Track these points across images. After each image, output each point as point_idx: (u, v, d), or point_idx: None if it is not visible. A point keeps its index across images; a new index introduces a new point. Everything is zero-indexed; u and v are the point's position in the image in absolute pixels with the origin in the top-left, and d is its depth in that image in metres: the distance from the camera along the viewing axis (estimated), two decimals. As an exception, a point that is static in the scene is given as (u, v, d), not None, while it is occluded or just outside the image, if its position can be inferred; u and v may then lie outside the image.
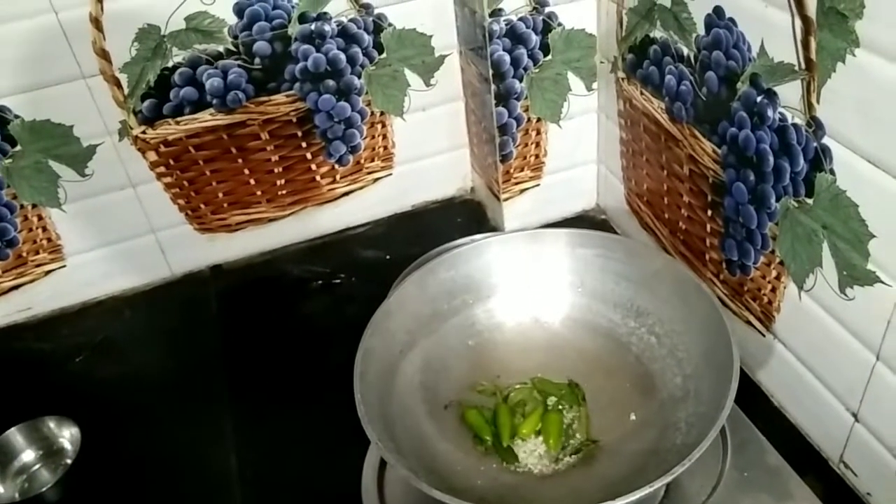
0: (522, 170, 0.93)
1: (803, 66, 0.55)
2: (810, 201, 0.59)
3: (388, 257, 0.97)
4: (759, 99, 0.61)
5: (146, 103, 0.84)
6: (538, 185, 0.95)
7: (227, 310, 0.93)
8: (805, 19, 0.53)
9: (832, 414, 0.65)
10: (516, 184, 0.94)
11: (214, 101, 0.86)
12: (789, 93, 0.58)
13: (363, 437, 0.56)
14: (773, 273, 0.67)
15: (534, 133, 0.90)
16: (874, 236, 0.54)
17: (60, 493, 0.71)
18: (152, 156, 0.88)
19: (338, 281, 0.95)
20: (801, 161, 0.59)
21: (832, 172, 0.56)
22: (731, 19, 0.62)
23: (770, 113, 0.61)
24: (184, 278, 0.98)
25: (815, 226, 0.59)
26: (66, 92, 0.80)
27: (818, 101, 0.55)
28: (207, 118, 0.87)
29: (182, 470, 0.74)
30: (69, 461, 0.74)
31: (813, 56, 0.54)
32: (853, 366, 0.60)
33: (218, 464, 0.73)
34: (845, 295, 0.59)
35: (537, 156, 0.92)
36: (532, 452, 0.64)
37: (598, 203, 1.00)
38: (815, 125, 0.56)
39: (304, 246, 1.00)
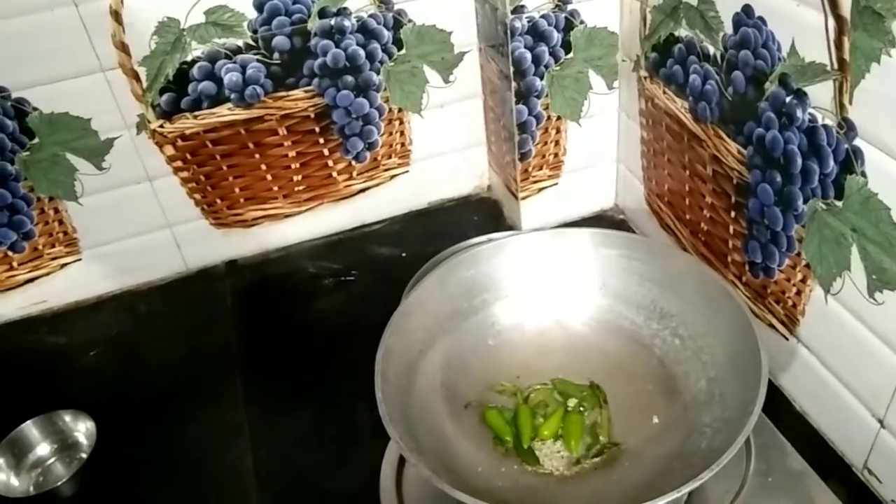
0: (541, 168, 0.92)
1: (836, 66, 0.54)
2: (840, 204, 0.58)
3: (403, 255, 0.96)
4: (788, 99, 0.60)
5: (164, 97, 0.84)
6: (556, 183, 0.94)
7: (241, 305, 0.92)
8: (839, 19, 0.53)
9: (857, 419, 0.64)
10: (534, 182, 0.93)
11: (233, 96, 0.86)
12: (820, 93, 0.57)
13: (380, 435, 0.55)
14: (799, 276, 0.66)
15: (553, 131, 0.89)
16: (906, 240, 0.53)
17: (75, 487, 0.71)
18: (169, 150, 0.88)
19: (352, 278, 0.94)
20: (831, 163, 0.58)
21: (864, 175, 0.55)
22: (761, 18, 0.61)
23: (799, 114, 0.60)
24: (199, 273, 0.97)
25: (845, 229, 0.58)
26: (84, 85, 0.80)
27: (850, 102, 0.54)
28: (225, 113, 0.87)
29: (197, 467, 0.74)
30: (84, 455, 0.73)
31: (846, 56, 0.53)
32: (880, 371, 0.60)
33: (233, 461, 0.73)
34: (874, 299, 0.58)
35: (556, 154, 0.91)
36: (553, 454, 0.63)
37: (617, 203, 0.99)
38: (847, 126, 0.55)
39: (320, 242, 1.00)
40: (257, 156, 0.91)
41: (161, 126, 0.85)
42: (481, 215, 1.02)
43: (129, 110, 0.83)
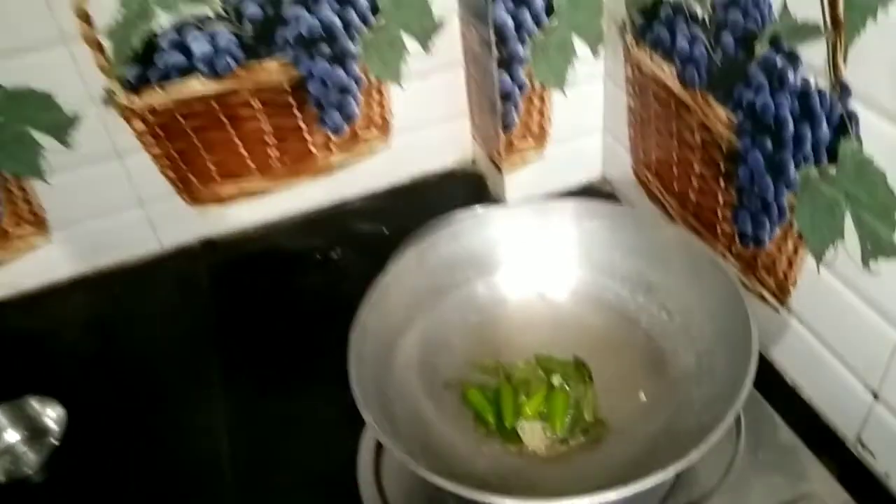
0: (525, 139, 0.89)
1: (829, 25, 0.52)
2: (833, 170, 0.56)
3: (385, 231, 0.94)
4: (779, 62, 0.58)
5: (131, 70, 0.80)
6: (542, 155, 0.91)
7: (219, 285, 0.90)
8: (833, -27, 0.50)
9: (850, 392, 0.62)
10: (519, 154, 0.90)
11: (203, 68, 0.82)
12: (813, 55, 0.54)
13: (360, 418, 0.53)
14: (790, 246, 0.64)
15: (537, 101, 0.86)
16: (903, 206, 0.51)
17: (46, 474, 0.68)
18: (139, 125, 0.84)
19: (333, 256, 0.91)
20: (825, 127, 0.55)
21: (858, 139, 0.53)
22: (751, -25, 0.58)
23: (791, 76, 0.57)
24: (174, 253, 0.94)
25: (838, 196, 0.56)
26: (46, 58, 0.76)
27: (845, 63, 0.52)
28: (196, 85, 0.83)
29: (171, 452, 0.71)
30: (54, 442, 0.71)
31: (840, 14, 0.50)
32: (874, 342, 0.58)
33: (209, 445, 0.71)
34: (868, 268, 0.56)
35: (541, 125, 0.89)
36: (536, 434, 0.61)
37: (604, 174, 0.97)
38: (841, 88, 0.53)
39: (299, 219, 0.97)
40: (231, 130, 0.88)
41: (129, 100, 0.82)
42: (465, 189, 0.99)
43: (95, 84, 0.80)
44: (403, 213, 0.94)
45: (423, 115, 0.94)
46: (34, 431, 0.73)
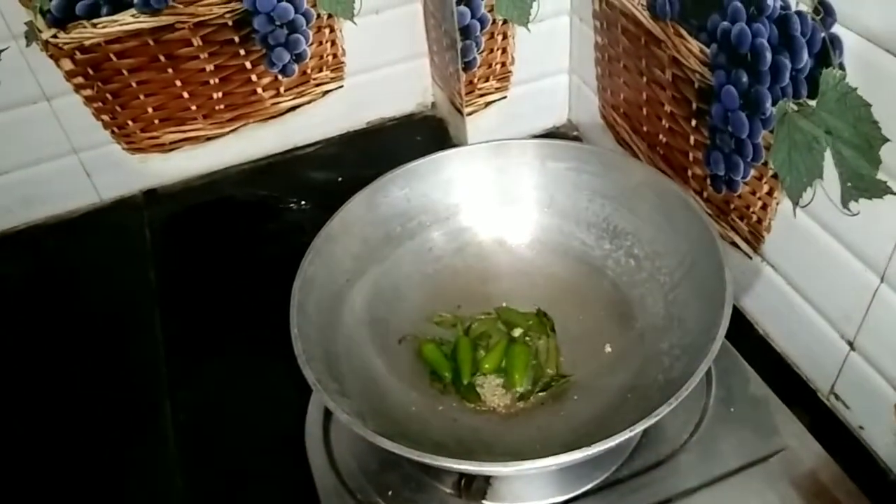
0: (487, 80, 0.84)
1: (812, -61, 0.47)
2: (813, 103, 0.52)
3: (340, 179, 0.89)
4: (757, -16, 0.53)
5: (55, 2, 0.73)
6: (505, 97, 0.86)
7: (162, 239, 0.84)
8: None
9: (825, 342, 0.59)
10: (481, 96, 0.85)
11: (136, 0, 0.75)
12: (794, -26, 0.50)
13: (308, 377, 0.49)
14: (765, 188, 0.60)
15: (500, 37, 0.81)
16: (888, 140, 0.47)
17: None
18: (67, 64, 0.77)
19: (285, 206, 0.86)
20: (805, 56, 0.51)
21: (841, 67, 0.48)
22: None
23: (770, 1, 0.52)
24: (113, 204, 0.88)
25: (818, 131, 0.52)
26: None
27: (829, -18, 0.47)
28: (129, 20, 0.76)
29: (111, 414, 0.67)
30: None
31: (825, -74, 0.46)
32: (853, 289, 0.54)
33: (151, 407, 0.67)
34: (848, 210, 0.52)
35: (503, 63, 0.83)
36: (495, 389, 0.57)
37: (570, 118, 0.92)
38: (824, 11, 0.48)
39: (247, 167, 0.91)
40: (170, 70, 0.81)
41: (54, 36, 0.75)
42: (425, 135, 0.94)
43: (15, 17, 0.73)
44: (359, 161, 0.90)
45: (378, 54, 0.88)
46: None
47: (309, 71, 0.87)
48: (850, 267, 0.54)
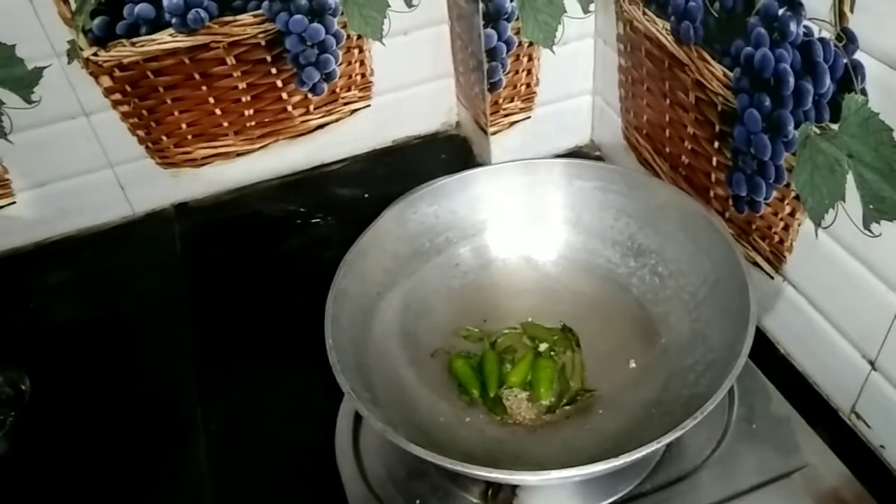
0: (512, 100, 0.86)
1: (836, -31, 0.48)
2: (835, 127, 0.53)
3: (366, 196, 0.90)
4: (780, 11, 0.54)
5: (97, 21, 0.76)
6: (529, 117, 0.88)
7: (192, 251, 0.86)
8: (842, -88, 0.46)
9: (846, 361, 0.60)
10: (505, 116, 0.87)
11: (174, 21, 0.78)
12: (817, 2, 0.51)
13: (339, 388, 0.50)
14: (787, 209, 0.61)
15: (525, 59, 0.83)
16: (909, 164, 0.48)
17: (8, 446, 0.65)
18: (106, 81, 0.80)
19: (312, 221, 0.88)
20: (828, 81, 0.52)
21: (864, 93, 0.50)
22: (752, -81, 0.55)
23: (793, 27, 0.54)
24: (146, 217, 0.90)
25: (840, 154, 0.53)
26: (4, 7, 0.71)
27: (851, 10, 0.49)
28: (167, 39, 0.79)
29: (142, 423, 0.68)
30: (16, 413, 0.68)
31: (848, -43, 0.47)
32: (874, 309, 0.55)
33: (182, 416, 0.68)
34: (870, 231, 0.53)
35: (528, 84, 0.85)
36: (521, 403, 0.58)
37: (593, 138, 0.93)
38: (847, 38, 0.50)
39: (276, 183, 0.93)
40: (204, 88, 0.84)
41: (95, 54, 0.78)
42: (450, 153, 0.95)
43: (59, 36, 0.75)
44: (385, 178, 0.91)
45: (405, 74, 0.91)
46: (-4, 402, 0.70)
47: (338, 90, 0.89)
48: (871, 288, 0.55)
